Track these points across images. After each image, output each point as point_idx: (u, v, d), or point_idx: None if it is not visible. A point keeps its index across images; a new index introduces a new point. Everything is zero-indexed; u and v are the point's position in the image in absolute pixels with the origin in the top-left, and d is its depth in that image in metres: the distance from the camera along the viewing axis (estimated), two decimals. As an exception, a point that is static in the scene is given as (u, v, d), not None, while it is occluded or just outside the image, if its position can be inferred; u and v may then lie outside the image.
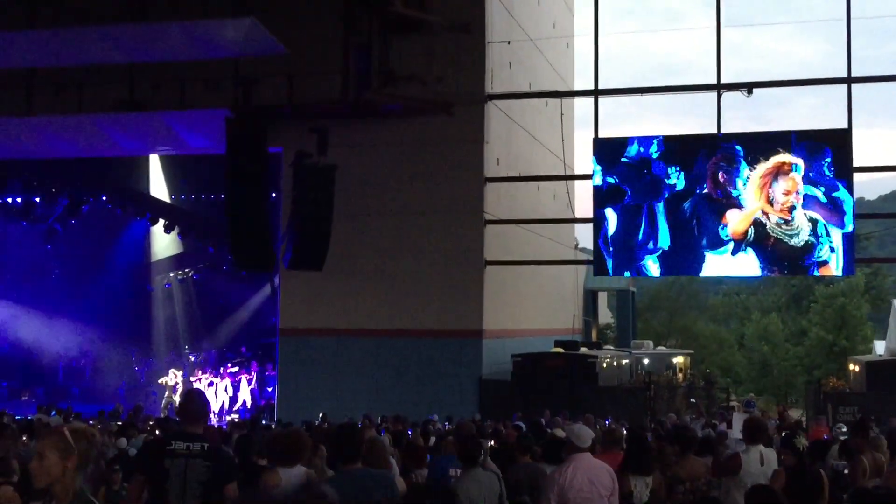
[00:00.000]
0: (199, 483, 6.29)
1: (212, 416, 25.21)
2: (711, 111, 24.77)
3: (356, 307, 25.25)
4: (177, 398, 28.52)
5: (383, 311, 25.14)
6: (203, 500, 6.26)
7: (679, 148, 24.26)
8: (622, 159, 24.37)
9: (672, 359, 34.65)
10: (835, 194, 23.04)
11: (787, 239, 23.28)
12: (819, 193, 23.11)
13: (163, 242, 33.83)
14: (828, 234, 23.04)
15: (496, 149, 25.98)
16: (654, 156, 24.17)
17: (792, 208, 23.23)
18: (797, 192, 23.19)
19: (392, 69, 24.60)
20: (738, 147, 23.65)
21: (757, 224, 23.38)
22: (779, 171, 23.31)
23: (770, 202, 23.33)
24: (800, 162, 23.19)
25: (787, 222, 23.26)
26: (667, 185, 24.05)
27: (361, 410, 21.85)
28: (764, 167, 23.39)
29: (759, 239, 23.42)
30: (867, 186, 56.26)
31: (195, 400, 6.90)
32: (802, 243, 23.15)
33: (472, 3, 25.24)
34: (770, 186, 23.34)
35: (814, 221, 23.06)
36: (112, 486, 10.62)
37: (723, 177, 23.65)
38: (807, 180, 23.16)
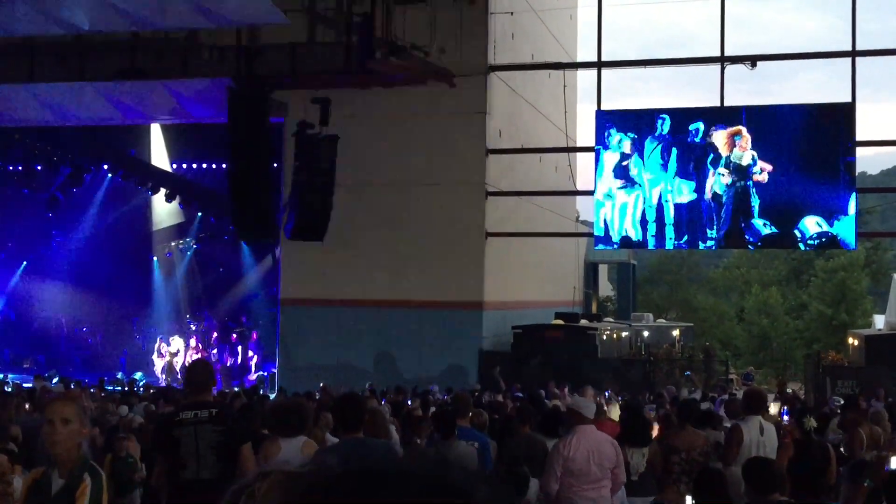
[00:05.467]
0: (211, 448, 6.36)
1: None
2: (715, 84, 24.73)
3: (357, 278, 25.30)
4: (177, 366, 28.66)
5: (384, 282, 25.19)
6: (221, 464, 6.34)
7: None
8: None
9: (672, 331, 34.74)
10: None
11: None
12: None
13: (164, 212, 33.80)
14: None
15: (498, 120, 25.93)
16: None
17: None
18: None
19: (395, 39, 24.51)
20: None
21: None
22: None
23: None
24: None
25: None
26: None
27: (362, 381, 21.97)
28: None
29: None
30: (869, 161, 56.15)
31: (199, 369, 6.96)
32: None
33: (475, -27, 25.12)
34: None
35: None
36: (118, 453, 10.67)
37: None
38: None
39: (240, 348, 30.22)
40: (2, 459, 7.73)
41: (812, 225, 23.48)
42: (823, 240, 23.98)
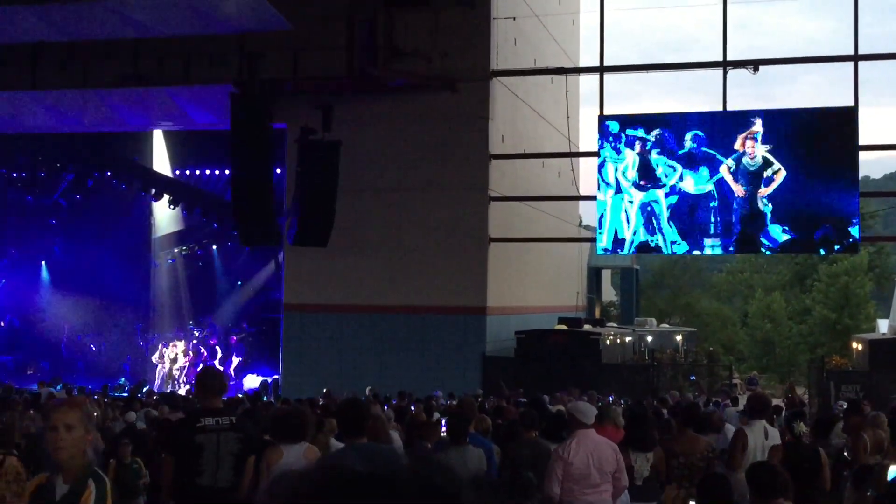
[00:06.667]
0: (232, 455, 6.41)
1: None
2: (717, 88, 24.74)
3: (360, 283, 25.30)
4: (176, 372, 28.74)
5: (387, 288, 25.18)
6: (235, 472, 6.38)
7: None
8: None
9: (675, 336, 34.72)
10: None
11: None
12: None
13: (167, 217, 33.83)
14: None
15: (501, 125, 25.94)
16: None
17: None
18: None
19: (397, 45, 24.52)
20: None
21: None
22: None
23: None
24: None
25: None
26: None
27: (365, 387, 21.95)
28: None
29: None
30: (872, 165, 56.10)
31: (213, 375, 6.97)
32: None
33: (477, -21, 25.14)
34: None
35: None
36: (123, 459, 10.67)
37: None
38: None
39: (227, 353, 30.45)
40: (14, 461, 7.74)
41: (831, 230, 23.42)
42: (841, 245, 24.00)
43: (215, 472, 6.37)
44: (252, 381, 29.76)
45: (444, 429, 10.47)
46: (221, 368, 29.35)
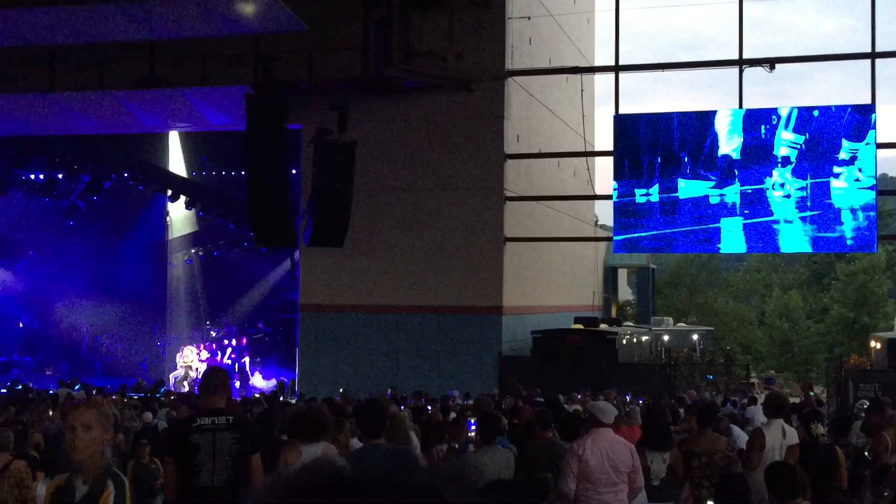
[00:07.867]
0: (229, 456, 6.42)
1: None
2: (733, 87, 24.68)
3: (376, 283, 25.32)
4: (193, 373, 28.89)
5: (403, 288, 25.20)
6: (233, 471, 6.39)
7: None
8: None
9: (692, 335, 34.58)
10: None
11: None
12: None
13: (184, 219, 33.99)
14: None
15: (516, 125, 25.93)
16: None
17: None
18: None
19: (412, 45, 24.53)
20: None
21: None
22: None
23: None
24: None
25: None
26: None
27: (381, 386, 21.96)
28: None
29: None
30: (891, 163, 55.77)
31: (215, 375, 6.99)
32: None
33: (492, -21, 25.12)
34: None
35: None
36: (141, 459, 10.72)
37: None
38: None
39: (242, 353, 30.50)
40: (20, 466, 7.74)
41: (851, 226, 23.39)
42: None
43: (212, 472, 6.39)
44: (259, 381, 29.92)
45: (471, 428, 10.49)
46: (238, 368, 29.51)
